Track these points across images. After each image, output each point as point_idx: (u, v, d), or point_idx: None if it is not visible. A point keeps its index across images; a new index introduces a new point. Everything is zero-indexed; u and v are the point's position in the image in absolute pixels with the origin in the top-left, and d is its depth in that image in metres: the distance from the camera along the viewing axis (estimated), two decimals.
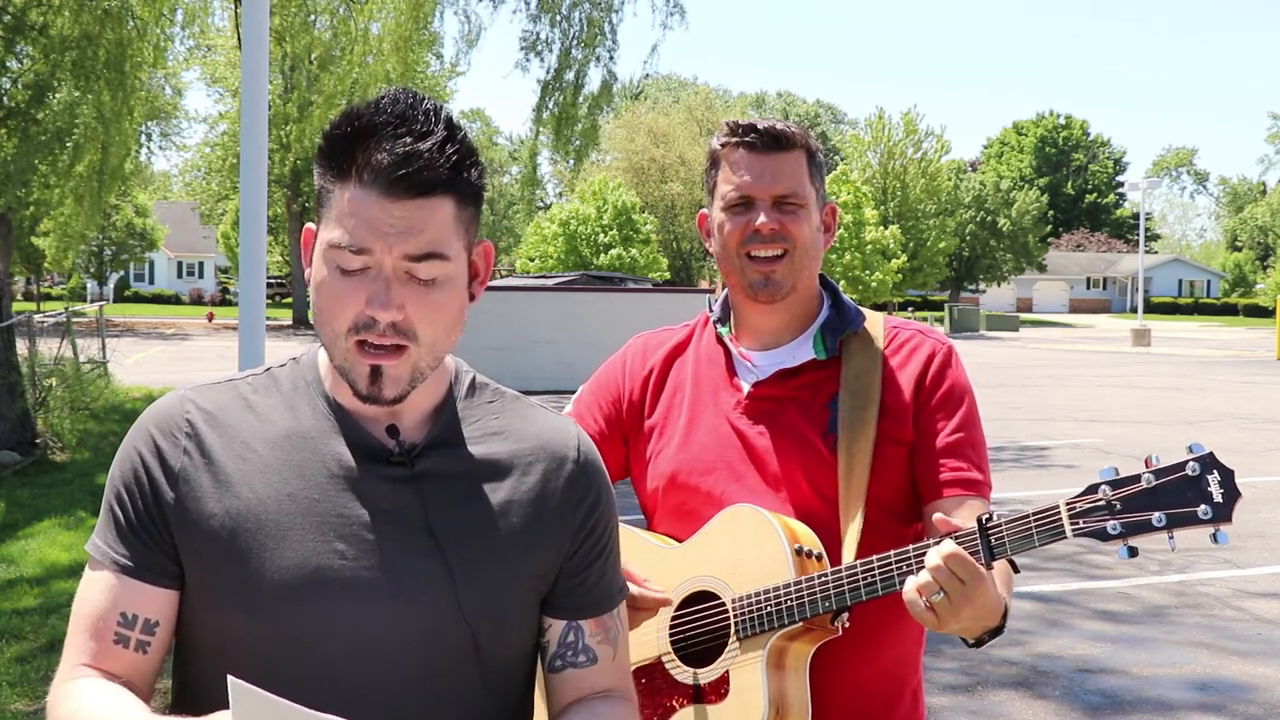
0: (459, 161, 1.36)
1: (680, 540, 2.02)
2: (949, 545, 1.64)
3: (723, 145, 2.03)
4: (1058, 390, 22.79)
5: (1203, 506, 1.57)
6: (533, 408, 1.58)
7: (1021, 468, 12.40)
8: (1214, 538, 1.58)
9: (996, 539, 1.68)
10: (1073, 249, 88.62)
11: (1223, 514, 1.56)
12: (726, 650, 1.89)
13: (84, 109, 14.43)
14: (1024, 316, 68.13)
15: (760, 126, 2.00)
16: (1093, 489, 1.63)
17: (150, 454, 1.42)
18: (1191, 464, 1.58)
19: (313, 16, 17.30)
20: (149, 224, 57.64)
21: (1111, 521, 1.61)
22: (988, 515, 1.69)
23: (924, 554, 1.72)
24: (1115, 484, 1.62)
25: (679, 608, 1.96)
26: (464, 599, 1.41)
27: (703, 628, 1.93)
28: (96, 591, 1.41)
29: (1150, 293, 79.12)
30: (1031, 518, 1.67)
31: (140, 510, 1.41)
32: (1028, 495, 10.32)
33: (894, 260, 52.33)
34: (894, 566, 1.76)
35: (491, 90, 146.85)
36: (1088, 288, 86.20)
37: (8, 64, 13.85)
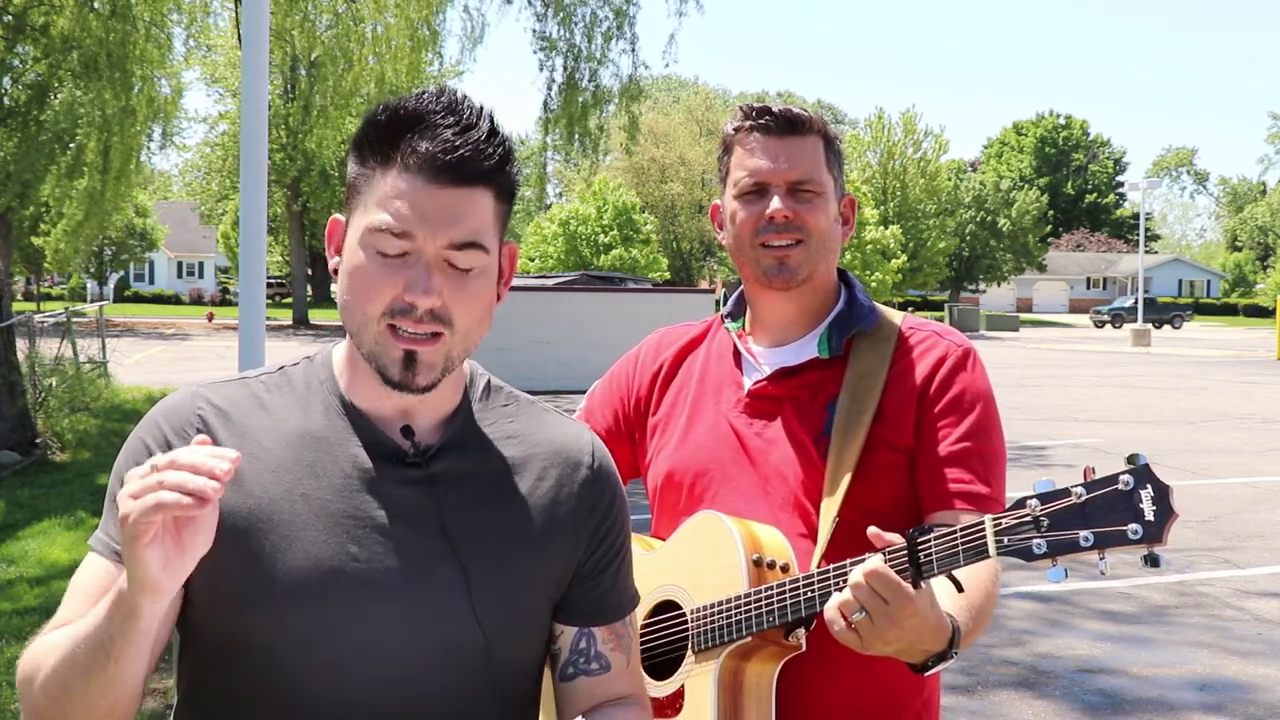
0: (503, 156, 1.37)
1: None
2: (873, 561, 1.53)
3: (736, 130, 1.95)
4: (1058, 390, 22.79)
5: (1133, 525, 1.40)
6: (547, 412, 1.57)
7: (1021, 467, 12.40)
8: (1149, 560, 1.43)
9: (925, 556, 1.53)
10: (1073, 249, 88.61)
11: (1154, 534, 1.40)
12: (684, 663, 1.82)
13: (85, 109, 14.43)
14: (1024, 316, 68.15)
15: (775, 109, 1.92)
16: (1020, 503, 1.48)
17: (159, 448, 1.40)
18: (1124, 477, 1.42)
19: (313, 17, 17.28)
20: (149, 224, 57.64)
21: (1037, 540, 1.46)
22: (919, 530, 1.55)
23: None
24: (1045, 498, 1.46)
25: (648, 616, 1.90)
26: (478, 602, 1.40)
27: (665, 638, 1.87)
28: (93, 569, 1.39)
29: (1150, 293, 79.12)
30: (959, 533, 1.53)
31: None
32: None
33: (894, 260, 52.32)
34: (832, 581, 1.65)
35: (494, 89, 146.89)
36: (1088, 288, 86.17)
37: (9, 64, 13.86)
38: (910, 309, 60.82)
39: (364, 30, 16.51)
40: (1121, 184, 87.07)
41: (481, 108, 1.37)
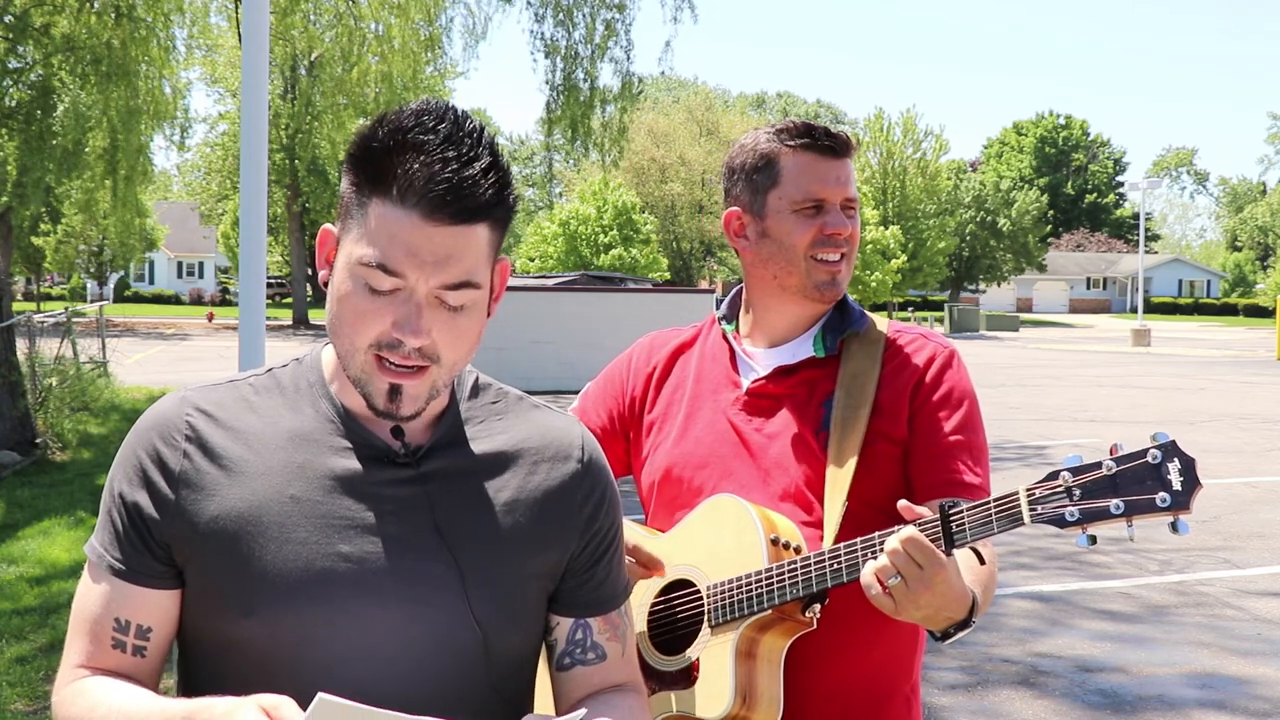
0: (499, 188, 1.34)
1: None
2: (908, 530, 1.64)
3: (788, 146, 2.03)
4: (1058, 390, 22.79)
5: (1161, 494, 1.53)
6: (537, 408, 1.58)
7: (1022, 466, 12.40)
8: (1174, 527, 1.53)
9: (957, 526, 1.65)
10: (1073, 249, 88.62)
11: (1181, 502, 1.52)
12: (699, 637, 1.89)
13: (90, 110, 14.44)
14: (1024, 316, 68.13)
15: (834, 131, 2.03)
16: (1053, 475, 1.60)
17: (149, 457, 1.41)
18: (1153, 451, 1.55)
19: (314, 17, 17.28)
20: (149, 224, 57.63)
21: (1070, 508, 1.58)
22: (951, 502, 1.68)
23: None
24: (1076, 470, 1.59)
25: (659, 595, 1.98)
26: (474, 599, 1.40)
27: (678, 615, 1.95)
28: (93, 595, 1.42)
29: (1150, 293, 79.11)
30: (992, 504, 1.64)
31: (137, 515, 1.40)
32: None
33: (894, 260, 52.33)
34: (859, 553, 1.75)
35: (495, 87, 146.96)
36: (1088, 288, 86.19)
37: (9, 65, 13.86)
38: (910, 309, 60.87)
39: (365, 30, 16.51)
40: (1121, 184, 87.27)
41: (481, 133, 1.34)
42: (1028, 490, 1.61)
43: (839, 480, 1.90)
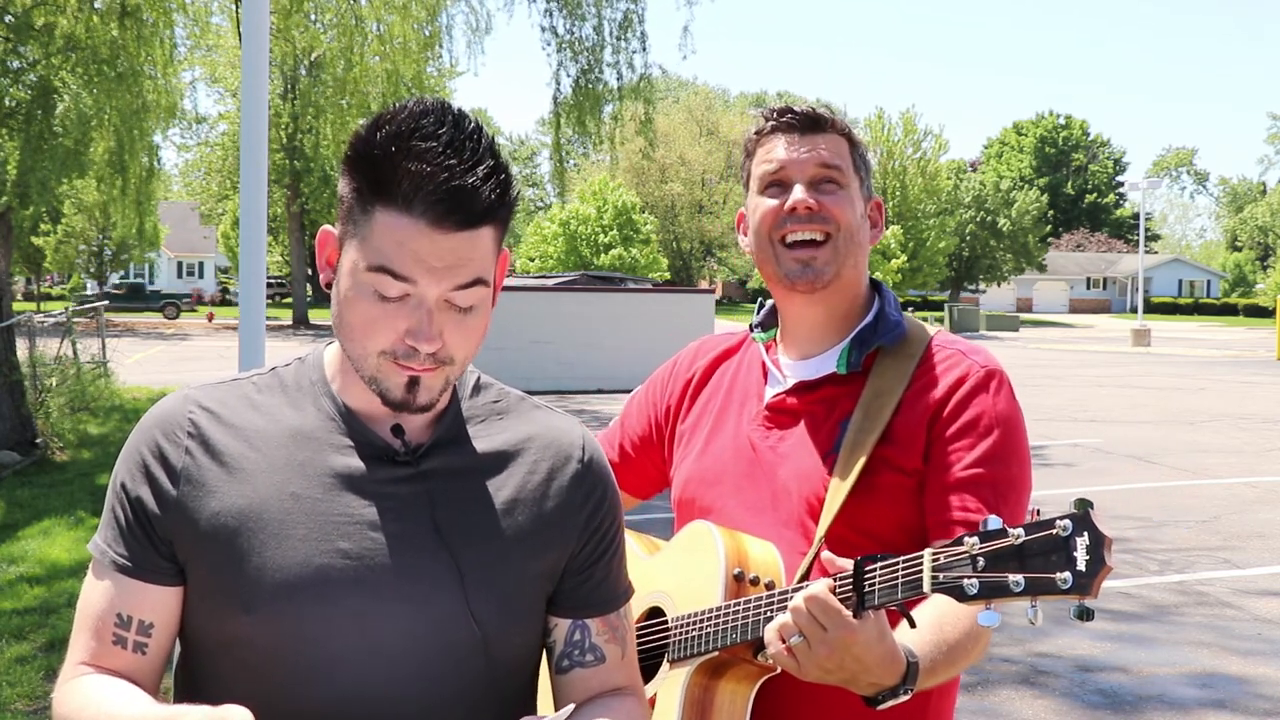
0: (503, 190, 1.34)
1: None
2: (817, 587, 1.48)
3: (758, 133, 1.91)
4: (1057, 390, 22.78)
5: (1064, 574, 1.31)
6: (538, 408, 1.58)
7: None
8: (1079, 613, 1.31)
9: (869, 586, 1.47)
10: (1073, 249, 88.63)
11: (1083, 585, 1.30)
12: (659, 672, 1.79)
13: (92, 110, 14.44)
14: (1024, 316, 68.10)
15: (797, 108, 1.89)
16: (959, 540, 1.40)
17: (152, 454, 1.42)
18: (1062, 523, 1.33)
19: (314, 16, 17.27)
20: (149, 224, 57.55)
21: (970, 579, 1.37)
22: (869, 558, 1.48)
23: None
24: (985, 536, 1.38)
25: (640, 620, 1.88)
26: (473, 598, 1.40)
27: (650, 644, 1.85)
28: (96, 591, 1.42)
29: (1150, 293, 79.09)
30: (900, 566, 1.45)
31: (140, 510, 1.41)
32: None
33: (894, 260, 52.35)
34: (791, 600, 1.57)
35: (497, 84, 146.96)
36: (1088, 288, 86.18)
37: (10, 65, 13.86)
38: (910, 309, 60.88)
39: (366, 29, 16.50)
40: (1121, 184, 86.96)
41: (480, 134, 1.33)
42: (933, 554, 1.42)
43: (829, 511, 1.74)
